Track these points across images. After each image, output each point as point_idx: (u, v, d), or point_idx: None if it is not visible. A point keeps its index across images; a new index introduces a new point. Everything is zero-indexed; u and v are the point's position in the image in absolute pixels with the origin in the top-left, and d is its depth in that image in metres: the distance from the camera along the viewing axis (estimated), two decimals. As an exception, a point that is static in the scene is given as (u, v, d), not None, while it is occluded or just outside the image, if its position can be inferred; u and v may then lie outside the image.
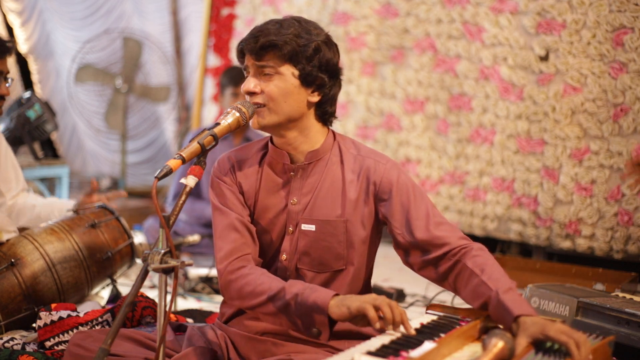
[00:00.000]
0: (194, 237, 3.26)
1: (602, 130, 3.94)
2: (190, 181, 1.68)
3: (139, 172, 7.11)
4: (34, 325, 2.49)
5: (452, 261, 1.79)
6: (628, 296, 2.58)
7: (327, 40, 1.87)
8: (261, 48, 1.80)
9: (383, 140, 4.80)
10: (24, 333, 2.43)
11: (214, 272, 3.40)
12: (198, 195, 4.27)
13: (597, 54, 3.94)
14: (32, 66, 7.00)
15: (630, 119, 3.85)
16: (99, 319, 2.32)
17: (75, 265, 2.59)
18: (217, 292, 3.37)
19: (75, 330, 2.25)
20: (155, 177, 1.61)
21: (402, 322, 1.61)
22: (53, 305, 2.36)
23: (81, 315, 2.33)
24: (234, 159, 1.96)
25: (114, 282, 2.80)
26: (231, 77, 4.15)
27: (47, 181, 4.99)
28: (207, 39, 5.83)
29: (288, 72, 1.82)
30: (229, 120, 1.80)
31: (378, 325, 1.61)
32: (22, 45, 6.84)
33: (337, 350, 1.85)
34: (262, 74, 1.83)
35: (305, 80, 1.83)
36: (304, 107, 1.86)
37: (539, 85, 4.17)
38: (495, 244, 4.45)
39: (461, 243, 1.81)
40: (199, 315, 2.83)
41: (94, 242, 2.67)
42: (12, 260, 2.45)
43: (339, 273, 1.90)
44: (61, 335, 2.25)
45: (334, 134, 1.96)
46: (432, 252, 1.82)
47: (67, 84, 6.60)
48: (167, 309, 1.56)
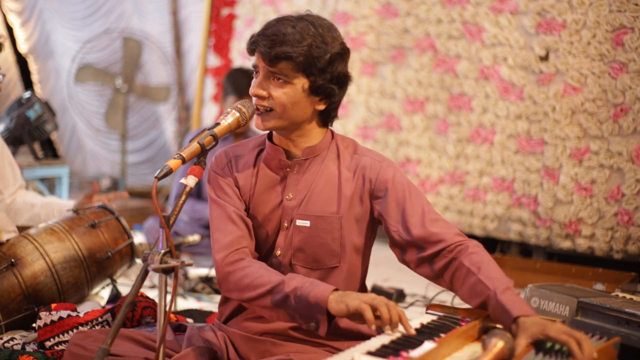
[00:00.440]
0: (194, 237, 3.26)
1: (602, 130, 3.94)
2: (191, 181, 1.69)
3: (139, 172, 7.11)
4: (34, 325, 2.49)
5: (448, 258, 1.79)
6: (628, 296, 2.58)
7: (342, 50, 1.87)
8: (276, 57, 1.79)
9: (383, 140, 4.80)
10: (24, 333, 2.43)
11: (214, 272, 3.39)
12: (198, 196, 4.27)
13: (597, 54, 3.94)
14: (32, 66, 6.99)
15: (630, 119, 3.85)
16: (99, 319, 2.32)
17: (75, 265, 2.59)
18: (217, 292, 3.37)
19: (75, 330, 2.25)
20: (155, 177, 1.61)
21: (401, 322, 1.61)
22: (53, 305, 2.36)
23: (81, 315, 2.33)
24: (231, 154, 1.97)
25: (114, 282, 2.80)
26: (236, 88, 4.08)
27: (47, 181, 4.99)
28: (207, 39, 5.83)
29: (299, 83, 1.82)
30: (229, 120, 1.81)
31: (374, 326, 1.61)
32: (22, 45, 6.83)
33: (337, 350, 1.85)
34: (273, 78, 1.83)
35: (315, 90, 1.84)
36: (310, 113, 1.87)
37: (539, 85, 4.17)
38: (495, 244, 4.44)
39: (457, 240, 1.81)
40: (198, 315, 2.83)
41: (94, 242, 2.67)
42: (12, 260, 2.45)
43: (333, 270, 1.90)
44: (61, 335, 2.26)
45: (332, 132, 1.97)
46: (428, 249, 1.82)
47: (67, 84, 6.60)
48: (167, 309, 1.56)
